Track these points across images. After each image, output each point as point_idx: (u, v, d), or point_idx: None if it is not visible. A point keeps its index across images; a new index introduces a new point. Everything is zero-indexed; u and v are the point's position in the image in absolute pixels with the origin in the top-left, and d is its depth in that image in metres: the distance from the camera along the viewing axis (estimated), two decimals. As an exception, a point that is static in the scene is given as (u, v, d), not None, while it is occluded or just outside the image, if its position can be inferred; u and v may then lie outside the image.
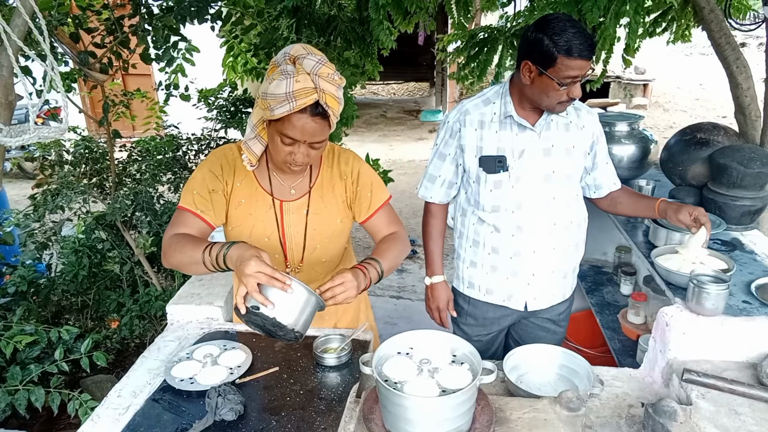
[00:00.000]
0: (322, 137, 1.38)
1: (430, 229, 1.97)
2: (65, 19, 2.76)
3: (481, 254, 1.85)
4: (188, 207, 1.48)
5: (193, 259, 1.33)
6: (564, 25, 1.49)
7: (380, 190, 1.62)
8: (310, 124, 1.33)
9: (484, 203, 1.77)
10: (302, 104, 1.29)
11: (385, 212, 1.63)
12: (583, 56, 1.50)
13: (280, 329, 1.24)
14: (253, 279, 1.19)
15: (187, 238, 1.41)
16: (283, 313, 1.23)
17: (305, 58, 1.32)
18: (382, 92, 15.38)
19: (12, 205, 3.83)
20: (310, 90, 1.29)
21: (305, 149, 1.39)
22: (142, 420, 1.32)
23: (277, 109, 1.30)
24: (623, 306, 2.67)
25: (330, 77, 1.32)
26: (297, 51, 1.34)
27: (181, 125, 3.74)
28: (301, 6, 2.87)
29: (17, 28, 1.73)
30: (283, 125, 1.34)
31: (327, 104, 1.32)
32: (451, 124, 1.77)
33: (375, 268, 1.43)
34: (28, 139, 1.46)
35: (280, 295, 1.22)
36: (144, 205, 2.93)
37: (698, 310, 1.52)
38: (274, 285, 1.19)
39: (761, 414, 1.30)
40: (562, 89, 1.55)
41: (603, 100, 9.19)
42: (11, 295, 2.67)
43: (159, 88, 3.38)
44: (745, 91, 2.47)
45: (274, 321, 1.22)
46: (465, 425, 1.17)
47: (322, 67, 1.32)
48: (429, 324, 1.83)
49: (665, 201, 1.77)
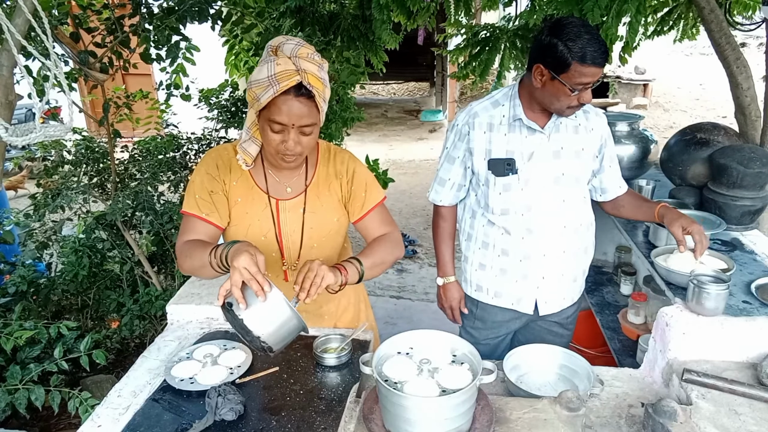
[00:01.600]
0: (310, 120, 1.38)
1: (441, 232, 1.96)
2: (65, 19, 2.76)
3: (490, 257, 1.84)
4: (192, 212, 1.50)
5: (202, 262, 1.34)
6: (579, 30, 1.49)
7: (375, 190, 1.62)
8: (296, 105, 1.34)
9: (493, 206, 1.77)
10: (285, 86, 1.30)
11: (379, 213, 1.62)
12: (596, 63, 1.49)
13: (247, 334, 1.22)
14: (238, 273, 1.19)
15: (197, 243, 1.43)
16: (253, 319, 1.21)
17: (284, 44, 1.35)
18: (382, 92, 15.38)
19: (12, 205, 3.83)
20: (291, 72, 1.30)
21: (296, 135, 1.39)
22: (142, 420, 1.32)
23: (263, 95, 1.32)
24: (623, 306, 2.67)
25: (310, 57, 1.34)
26: (277, 41, 1.37)
27: (181, 125, 3.75)
28: (304, 5, 2.87)
29: (18, 27, 1.72)
30: (270, 111, 1.35)
31: (310, 84, 1.32)
32: (460, 126, 1.76)
33: (355, 267, 1.42)
34: (34, 138, 1.47)
35: (256, 301, 1.20)
36: (145, 205, 2.93)
37: (698, 310, 1.52)
38: (251, 285, 1.19)
39: (761, 414, 1.30)
40: (573, 95, 1.55)
41: (603, 100, 9.18)
42: (11, 294, 2.68)
43: (159, 88, 3.38)
44: (745, 91, 2.47)
45: (242, 323, 1.20)
46: (465, 425, 1.17)
47: (301, 48, 1.34)
48: (429, 324, 1.83)
49: (665, 206, 1.75)
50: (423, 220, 5.92)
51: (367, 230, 1.62)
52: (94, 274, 3.03)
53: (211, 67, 4.26)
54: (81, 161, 3.23)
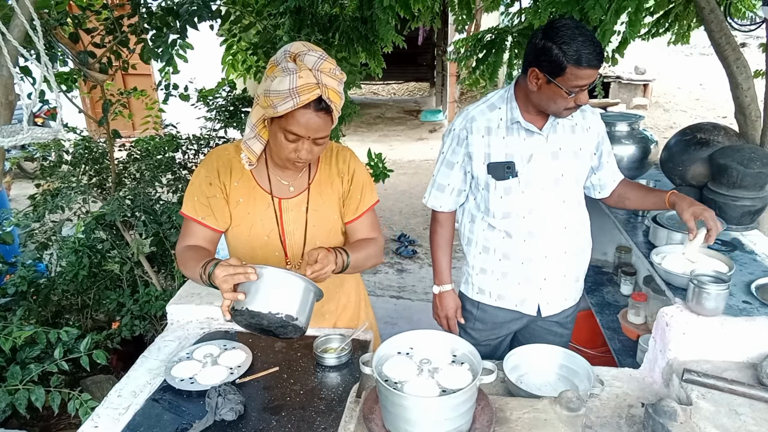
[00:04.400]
0: (325, 132, 1.39)
1: (438, 238, 1.94)
2: (64, 19, 2.75)
3: (491, 261, 1.84)
4: (190, 214, 1.52)
5: (195, 275, 1.37)
6: (573, 33, 1.48)
7: (370, 192, 1.64)
8: (314, 120, 1.34)
9: (494, 210, 1.76)
10: (306, 100, 1.30)
11: (369, 217, 1.64)
12: (592, 65, 1.49)
13: (261, 318, 1.23)
14: (225, 284, 1.23)
15: (192, 253, 1.45)
16: (257, 301, 1.22)
17: (306, 54, 1.34)
18: (382, 92, 15.38)
19: (12, 205, 3.83)
20: (312, 86, 1.30)
21: (309, 145, 1.40)
22: (142, 420, 1.32)
23: (281, 105, 1.31)
24: (623, 306, 2.67)
25: (332, 72, 1.34)
26: (297, 48, 1.36)
27: (180, 125, 3.74)
28: (304, 6, 2.87)
29: (17, 28, 1.72)
30: (287, 122, 1.35)
31: (330, 99, 1.33)
32: (458, 131, 1.75)
33: (342, 258, 1.43)
34: (21, 140, 1.44)
35: (248, 286, 1.23)
36: (144, 206, 2.93)
37: (698, 310, 1.52)
38: (237, 279, 1.22)
39: (761, 414, 1.30)
40: (570, 97, 1.55)
41: (603, 101, 9.17)
42: (11, 295, 2.67)
43: (159, 87, 3.37)
44: (745, 91, 2.46)
45: (250, 311, 1.22)
46: (465, 425, 1.17)
47: (324, 62, 1.33)
48: (429, 324, 1.83)
49: (675, 193, 1.71)
50: (423, 220, 5.92)
51: (356, 233, 1.63)
52: (94, 274, 3.02)
53: (209, 66, 4.26)
54: (80, 161, 3.23)
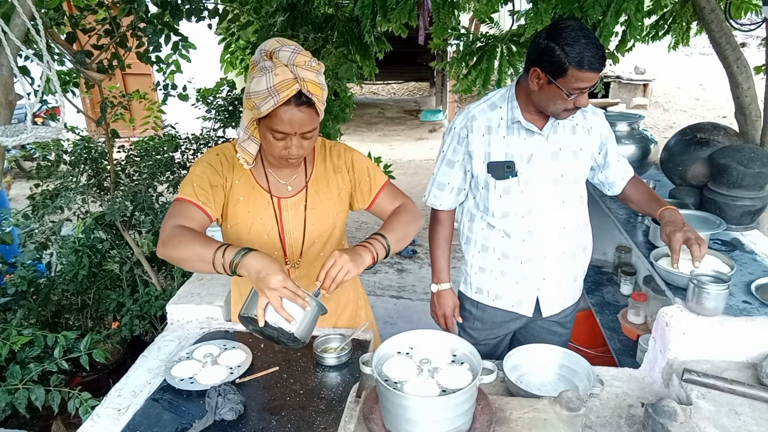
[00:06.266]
0: (311, 126, 1.38)
1: (437, 237, 1.94)
2: (62, 19, 2.75)
3: (490, 260, 1.84)
4: (189, 198, 1.44)
5: (200, 257, 1.28)
6: (576, 35, 1.48)
7: (377, 172, 1.64)
8: (298, 115, 1.34)
9: (493, 209, 1.76)
10: (285, 96, 1.30)
11: (387, 192, 1.64)
12: (593, 68, 1.49)
13: (293, 341, 1.27)
14: (277, 293, 1.20)
15: (194, 234, 1.35)
16: (300, 328, 1.26)
17: (280, 50, 1.33)
18: (382, 92, 15.38)
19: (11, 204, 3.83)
20: (290, 81, 1.30)
21: (298, 141, 1.39)
22: (142, 419, 1.32)
23: (263, 105, 1.31)
24: (623, 306, 2.67)
25: (307, 64, 1.33)
26: (271, 45, 1.35)
27: (179, 125, 3.74)
28: (297, 3, 2.86)
29: (17, 27, 1.72)
30: (272, 121, 1.34)
31: (310, 92, 1.32)
32: (458, 130, 1.75)
33: (381, 243, 1.42)
34: (25, 139, 1.45)
35: (297, 311, 1.24)
36: (143, 205, 2.93)
37: (698, 310, 1.52)
38: (297, 302, 1.22)
39: (761, 414, 1.30)
40: (570, 99, 1.55)
41: (603, 100, 9.18)
42: (11, 295, 2.67)
43: (158, 87, 3.37)
44: (745, 91, 2.46)
45: (292, 335, 1.25)
46: (465, 425, 1.17)
47: (298, 56, 1.32)
48: (429, 324, 1.83)
49: (668, 209, 1.70)
50: (423, 220, 5.92)
51: (382, 210, 1.63)
52: (93, 274, 3.02)
53: (208, 67, 4.26)
54: (79, 161, 3.23)
